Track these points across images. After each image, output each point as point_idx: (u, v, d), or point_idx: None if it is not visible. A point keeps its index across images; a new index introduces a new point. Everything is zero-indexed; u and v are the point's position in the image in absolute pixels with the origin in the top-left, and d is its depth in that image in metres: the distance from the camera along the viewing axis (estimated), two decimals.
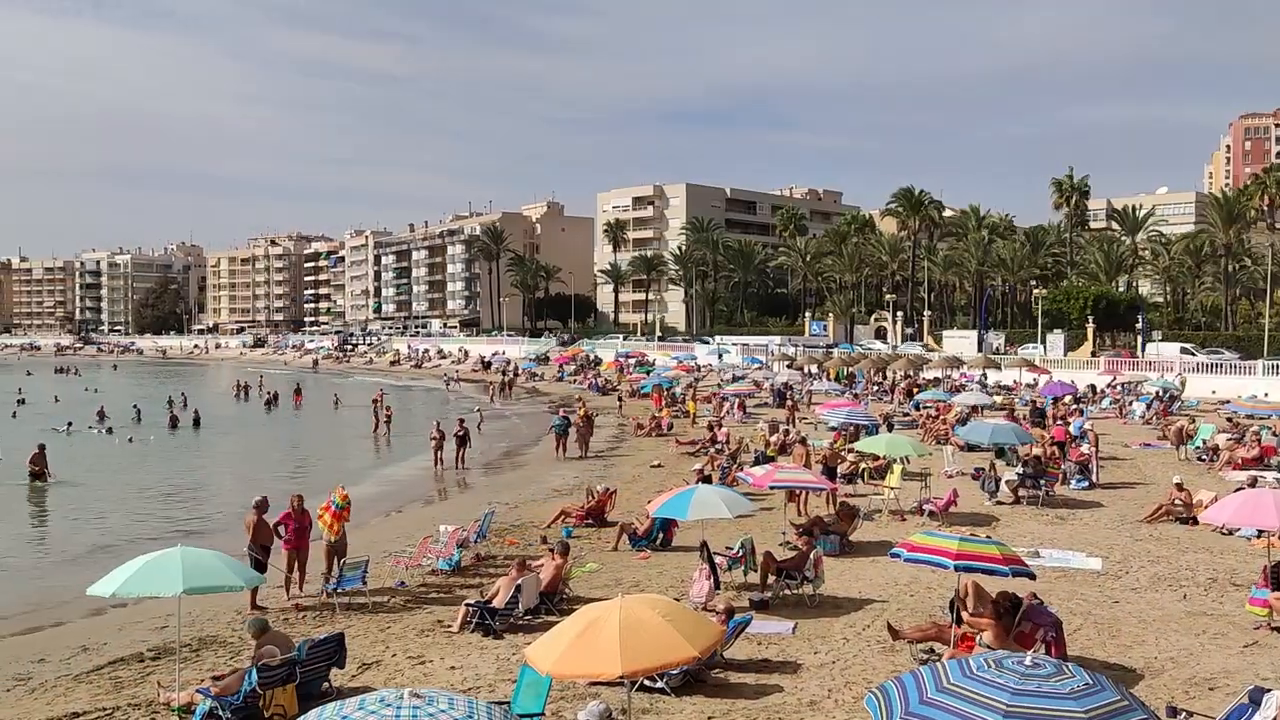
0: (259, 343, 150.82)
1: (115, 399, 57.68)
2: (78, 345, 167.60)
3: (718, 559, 15.54)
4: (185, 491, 30.35)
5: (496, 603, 13.87)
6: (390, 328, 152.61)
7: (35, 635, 15.16)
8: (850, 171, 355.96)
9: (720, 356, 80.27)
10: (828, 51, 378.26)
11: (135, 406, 51.34)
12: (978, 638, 11.42)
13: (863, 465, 25.51)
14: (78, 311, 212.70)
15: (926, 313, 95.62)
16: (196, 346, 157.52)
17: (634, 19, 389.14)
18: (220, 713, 10.28)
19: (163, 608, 14.04)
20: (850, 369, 62.49)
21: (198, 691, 10.73)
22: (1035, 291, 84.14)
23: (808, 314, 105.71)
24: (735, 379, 59.63)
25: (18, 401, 58.89)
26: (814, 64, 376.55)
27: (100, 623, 15.38)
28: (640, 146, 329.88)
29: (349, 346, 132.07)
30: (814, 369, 65.06)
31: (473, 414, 45.78)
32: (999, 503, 22.83)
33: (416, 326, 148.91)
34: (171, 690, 11.23)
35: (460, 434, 32.65)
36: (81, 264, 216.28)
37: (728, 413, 44.37)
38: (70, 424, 45.21)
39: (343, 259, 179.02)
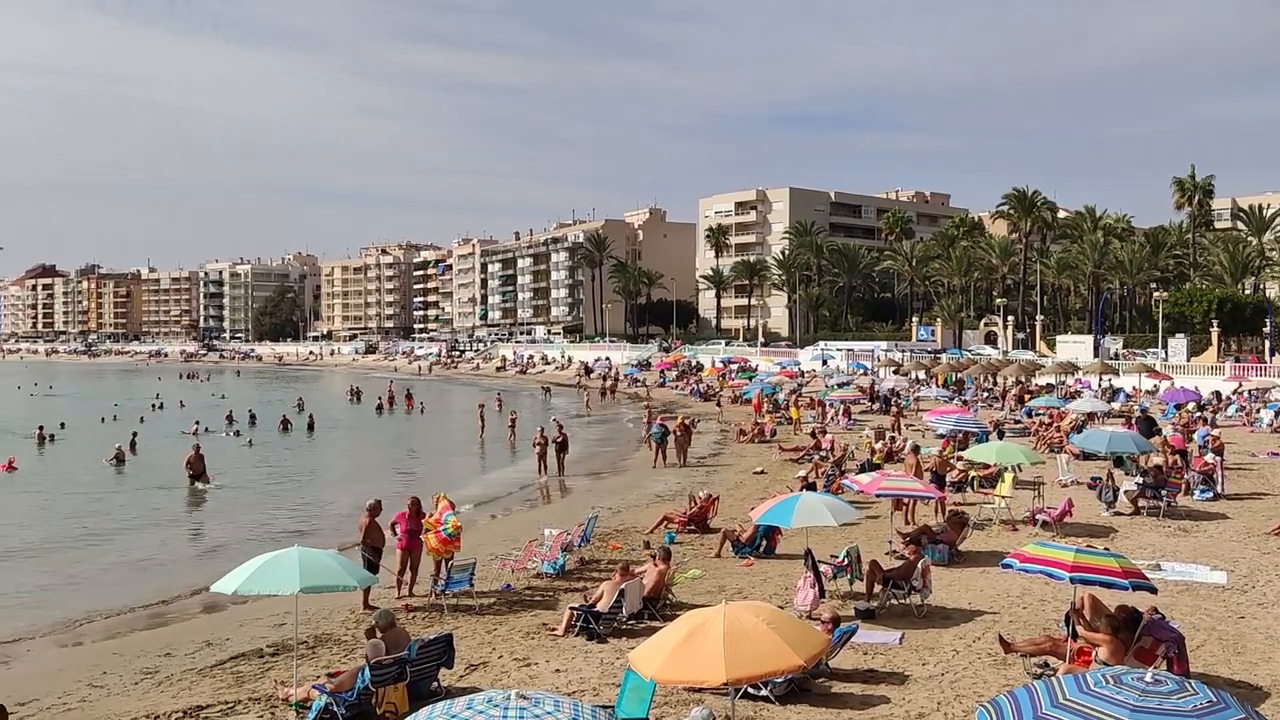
0: (370, 349, 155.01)
1: (240, 404, 59.99)
2: (202, 352, 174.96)
3: (822, 567, 15.36)
4: (299, 492, 31.38)
5: (600, 607, 13.97)
6: (496, 334, 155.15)
7: (163, 630, 15.85)
8: (959, 173, 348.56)
9: (824, 362, 79.42)
10: (936, 52, 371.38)
11: (250, 411, 53.11)
12: (1094, 653, 11.05)
13: (972, 473, 24.94)
14: (202, 320, 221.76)
15: (1039, 317, 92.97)
16: (312, 353, 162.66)
17: (740, 23, 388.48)
18: (335, 709, 10.58)
19: (280, 605, 14.52)
20: (959, 375, 61.20)
21: (314, 688, 11.06)
22: (1155, 295, 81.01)
23: (914, 319, 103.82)
24: (840, 385, 58.95)
25: (157, 405, 62.01)
26: (922, 65, 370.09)
27: (222, 619, 15.98)
28: (743, 151, 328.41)
29: (456, 353, 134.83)
30: (921, 375, 63.85)
31: (551, 421, 46.20)
32: (1117, 513, 22.04)
33: (521, 333, 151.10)
34: (289, 686, 11.61)
35: (560, 440, 32.88)
36: (205, 274, 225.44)
37: (832, 419, 43.85)
38: (201, 426, 47.20)
39: (450, 267, 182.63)
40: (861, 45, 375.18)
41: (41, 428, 44.94)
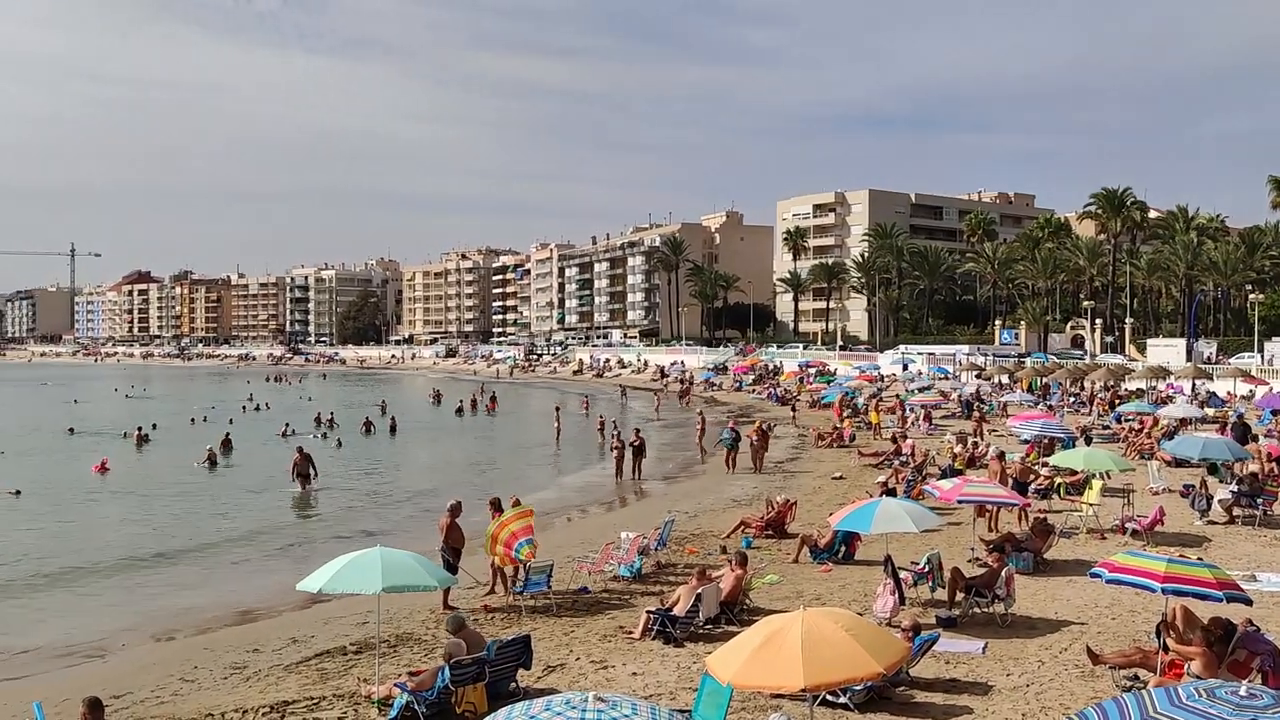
0: (451, 353, 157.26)
1: (325, 406, 61.43)
2: (288, 355, 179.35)
3: (903, 574, 15.14)
4: (382, 493, 31.95)
5: (677, 611, 13.95)
6: (573, 338, 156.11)
7: (251, 626, 16.26)
8: (1044, 174, 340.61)
9: (905, 366, 78.36)
10: (1019, 50, 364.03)
11: (329, 414, 54.13)
12: (1186, 666, 10.71)
13: (1058, 480, 24.37)
14: (288, 324, 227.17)
15: (1128, 320, 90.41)
16: (394, 357, 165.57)
17: (818, 24, 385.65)
18: (416, 707, 10.75)
19: (363, 604, 14.80)
20: (1044, 379, 59.91)
21: (395, 686, 11.25)
22: (1251, 296, 78.21)
23: (998, 322, 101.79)
24: (921, 389, 58.10)
25: (253, 407, 63.96)
26: (1005, 64, 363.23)
27: (308, 616, 16.34)
28: (821, 153, 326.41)
29: (534, 356, 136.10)
30: (1005, 379, 62.65)
31: (623, 423, 46.27)
32: (1211, 522, 21.33)
33: (598, 336, 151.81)
34: (371, 684, 11.83)
35: (636, 443, 32.89)
36: (291, 279, 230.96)
37: (913, 424, 43.25)
38: (289, 428, 48.44)
39: (528, 271, 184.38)
40: (942, 44, 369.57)
41: (140, 428, 46.50)
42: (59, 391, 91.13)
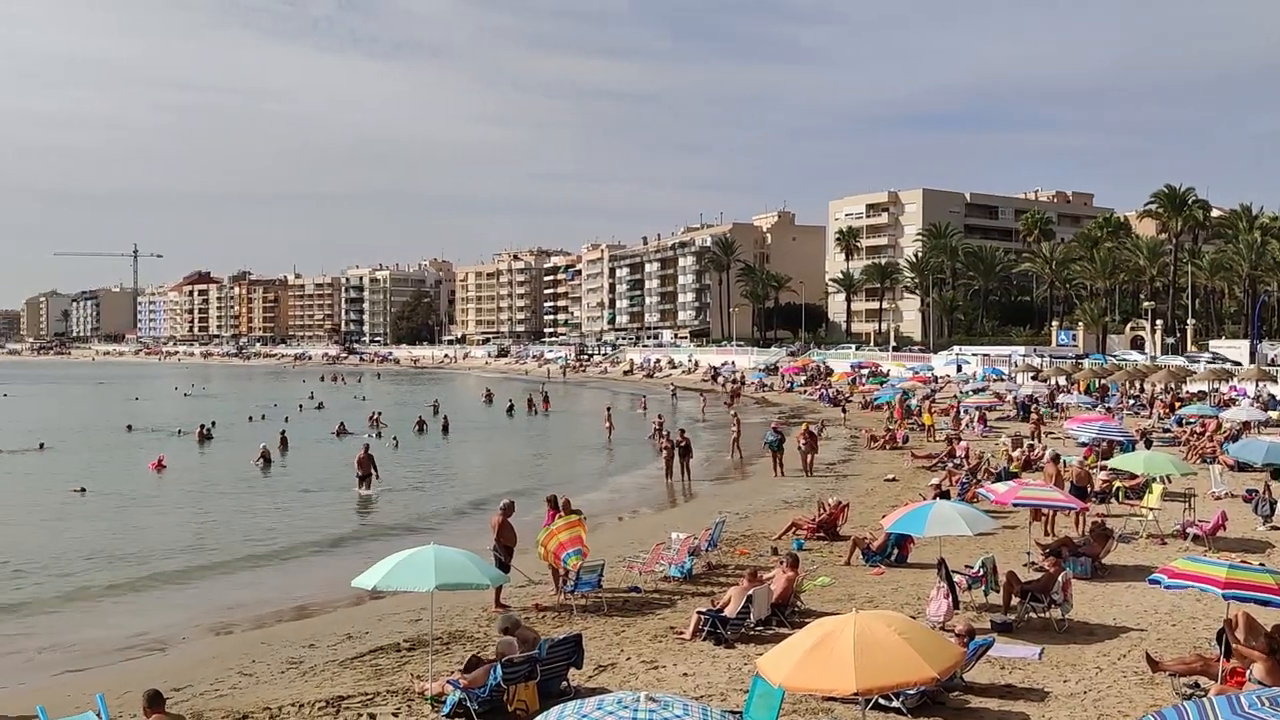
0: (502, 353, 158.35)
1: (379, 405, 62.19)
2: (343, 355, 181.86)
3: (957, 578, 14.97)
4: (435, 491, 32.25)
5: (728, 612, 13.93)
6: (623, 338, 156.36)
7: (307, 622, 16.52)
8: (1102, 172, 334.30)
9: (959, 367, 77.47)
10: (1075, 46, 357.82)
11: (377, 414, 54.80)
12: (1248, 673, 10.47)
13: (1117, 484, 23.94)
14: (343, 323, 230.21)
15: (1190, 321, 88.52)
16: (447, 356, 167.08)
17: (869, 23, 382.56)
18: (468, 704, 10.84)
19: (416, 601, 14.97)
20: (1103, 381, 58.88)
21: (448, 682, 11.35)
22: None
23: (1055, 323, 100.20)
24: (975, 391, 57.41)
25: (313, 406, 65.02)
26: (1060, 60, 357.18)
27: (362, 612, 16.54)
28: (873, 153, 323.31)
29: (585, 356, 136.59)
30: (1062, 381, 61.69)
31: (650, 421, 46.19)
32: (1274, 528, 20.83)
33: (648, 337, 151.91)
34: (425, 680, 11.95)
35: (683, 444, 32.81)
36: (347, 280, 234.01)
37: (967, 426, 42.76)
38: (344, 427, 49.17)
39: (579, 272, 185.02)
40: (996, 41, 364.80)
41: (203, 426, 47.44)
42: (119, 389, 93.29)
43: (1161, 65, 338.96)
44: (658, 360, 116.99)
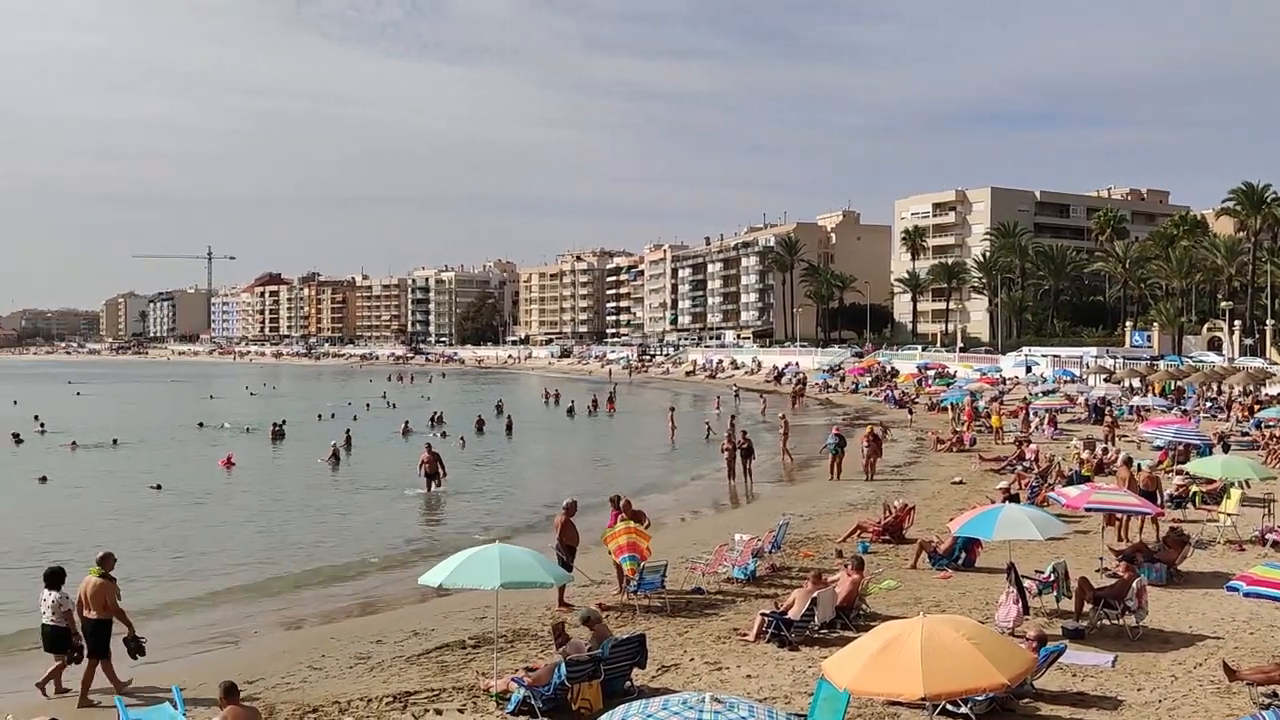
0: (565, 353, 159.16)
1: (443, 405, 62.95)
2: (409, 355, 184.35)
3: (1026, 583, 14.70)
4: (499, 491, 32.52)
5: (792, 614, 13.83)
6: (686, 339, 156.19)
7: (374, 618, 16.74)
8: (1178, 169, 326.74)
9: (1028, 368, 76.09)
10: (1147, 40, 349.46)
11: (439, 413, 55.32)
12: None
13: (1193, 488, 23.32)
14: (409, 324, 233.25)
15: (1269, 322, 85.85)
16: (510, 357, 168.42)
17: (933, 20, 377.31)
18: (532, 701, 10.91)
19: (481, 600, 15.09)
20: (1178, 383, 57.41)
21: (513, 680, 11.43)
22: None
23: (1128, 323, 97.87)
24: (1045, 392, 56.37)
25: (388, 405, 66.02)
26: (1135, 56, 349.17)
27: (428, 609, 16.71)
28: (940, 151, 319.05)
29: (647, 357, 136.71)
30: (1136, 383, 60.28)
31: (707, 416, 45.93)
32: None
33: (711, 337, 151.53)
34: (490, 677, 12.05)
35: (744, 445, 32.57)
36: (413, 281, 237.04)
37: (1037, 428, 41.98)
38: (409, 426, 49.85)
39: (642, 272, 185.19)
40: (1066, 36, 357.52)
41: (275, 424, 48.40)
42: (192, 388, 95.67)
43: (1239, 59, 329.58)
44: (720, 361, 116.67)
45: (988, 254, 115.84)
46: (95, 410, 66.96)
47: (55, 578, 12.21)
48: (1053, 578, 15.04)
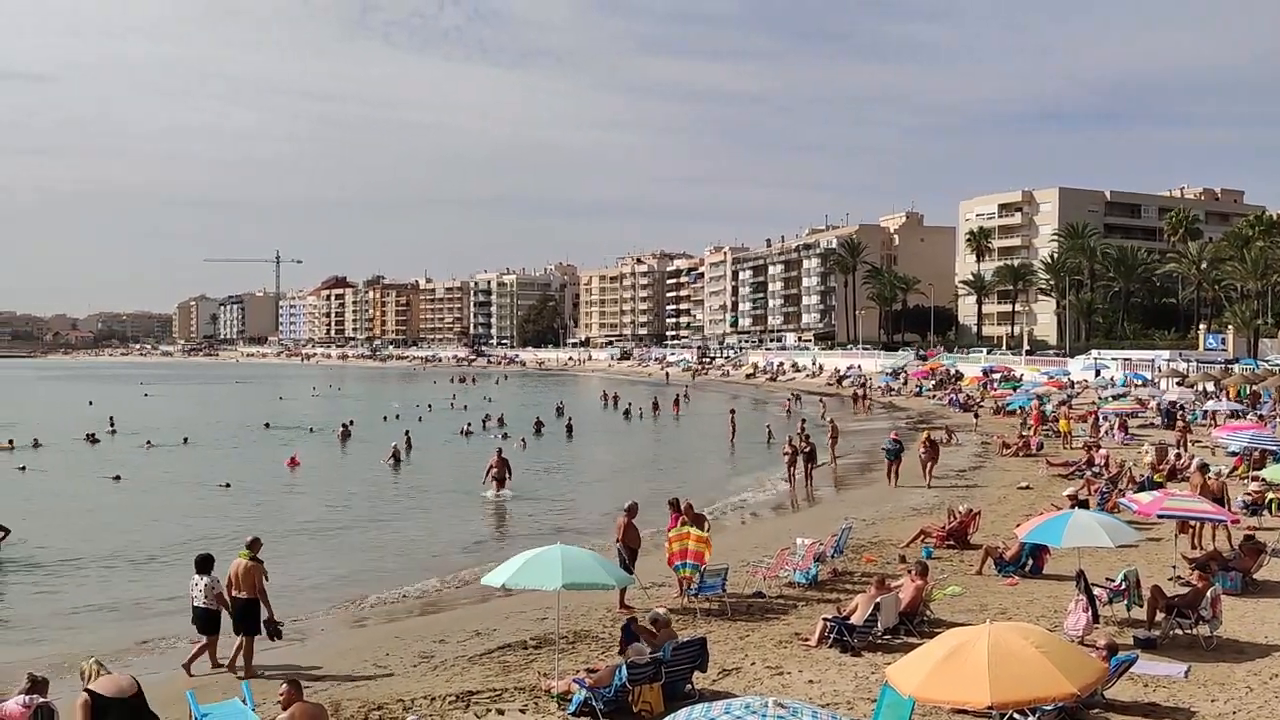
0: (625, 355, 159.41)
1: (505, 406, 63.45)
2: (471, 357, 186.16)
3: (1096, 591, 14.39)
4: (559, 492, 32.66)
5: (855, 619, 13.70)
6: (746, 341, 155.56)
7: (437, 617, 16.92)
8: (1252, 168, 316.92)
9: (1097, 372, 74.50)
10: (1222, 36, 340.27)
11: (499, 415, 55.63)
12: None
13: (1270, 495, 22.64)
14: (471, 326, 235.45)
15: None
16: (570, 359, 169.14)
17: (996, 17, 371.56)
18: (594, 703, 10.93)
19: (542, 600, 15.16)
20: (1254, 387, 55.77)
21: (574, 681, 11.48)
22: None
23: (1202, 326, 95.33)
24: (1115, 396, 55.17)
25: (460, 406, 66.87)
26: (1206, 52, 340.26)
27: (489, 609, 16.84)
28: (1005, 151, 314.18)
29: (707, 359, 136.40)
30: (1210, 387, 58.70)
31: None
32: None
33: (771, 340, 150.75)
34: (551, 678, 12.10)
35: (806, 449, 32.32)
36: (475, 284, 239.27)
37: (1106, 433, 41.10)
38: (469, 426, 50.34)
39: (702, 275, 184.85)
40: (1134, 32, 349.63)
41: (344, 424, 49.22)
42: (258, 389, 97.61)
43: None
44: (781, 363, 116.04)
45: (1055, 255, 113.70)
46: (164, 411, 68.54)
47: (205, 563, 13.19)
48: (1124, 586, 14.71)
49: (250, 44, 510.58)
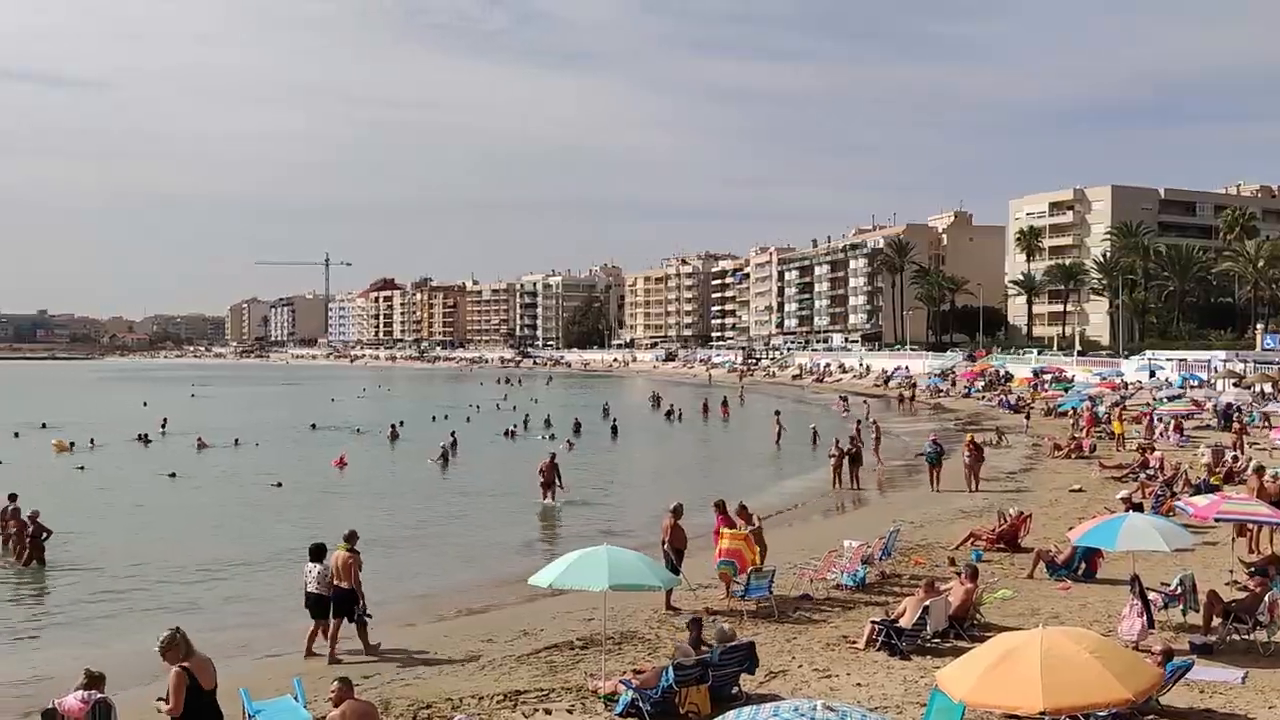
0: (670, 357, 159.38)
1: (550, 408, 63.72)
2: (518, 358, 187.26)
3: (1151, 595, 14.14)
4: (605, 493, 32.71)
5: (903, 622, 13.58)
6: (792, 342, 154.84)
7: (485, 617, 17.03)
8: None
9: (1152, 373, 73.20)
10: (1275, 27, 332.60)
11: (546, 415, 55.77)
12: None
13: None
14: (518, 328, 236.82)
15: None
16: (615, 360, 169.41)
17: (1044, 13, 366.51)
18: (641, 704, 10.94)
19: (588, 601, 15.16)
20: None
21: (621, 682, 11.49)
22: None
23: (1259, 326, 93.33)
24: (1170, 398, 54.19)
25: (509, 406, 67.41)
26: (1266, 44, 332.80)
27: (536, 609, 16.90)
28: (1055, 149, 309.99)
29: (752, 360, 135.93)
30: (1267, 388, 57.43)
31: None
32: None
33: (818, 341, 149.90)
34: (598, 679, 12.13)
35: (852, 451, 32.03)
36: (521, 285, 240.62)
37: (1161, 435, 40.37)
38: (516, 427, 50.64)
39: (747, 275, 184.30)
40: (1187, 27, 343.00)
41: (393, 425, 49.82)
42: (307, 391, 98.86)
43: None
44: (827, 364, 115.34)
45: (1108, 254, 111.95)
46: (214, 412, 69.54)
47: (319, 552, 14.17)
48: (1179, 590, 14.45)
49: (301, 50, 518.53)
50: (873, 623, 13.82)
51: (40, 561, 20.95)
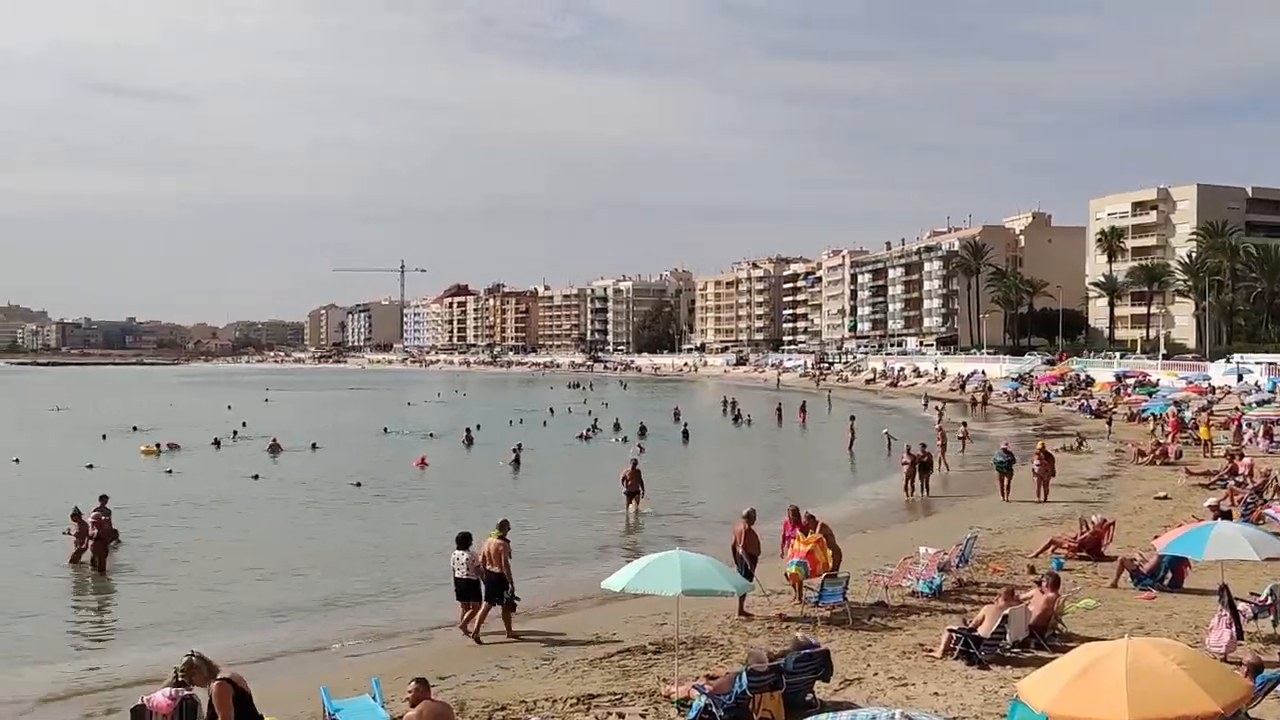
0: (741, 361, 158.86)
1: (621, 412, 63.95)
2: (589, 363, 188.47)
3: (1240, 606, 13.69)
4: (678, 498, 32.62)
5: (982, 631, 13.34)
6: (865, 346, 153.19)
7: (558, 619, 17.12)
8: None
9: (1240, 376, 70.96)
10: None
11: (602, 419, 55.99)
12: None
13: None
14: (588, 333, 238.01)
15: None
16: (686, 364, 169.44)
17: (1127, 9, 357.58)
18: (714, 710, 10.89)
19: (661, 605, 15.18)
20: None
21: (694, 688, 11.47)
22: None
23: None
24: (1260, 403, 52.50)
25: (586, 411, 67.71)
26: None
27: (609, 613, 16.93)
28: (1137, 148, 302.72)
29: (824, 365, 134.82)
30: None
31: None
32: None
33: (891, 344, 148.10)
34: (671, 684, 12.12)
35: (924, 459, 31.42)
36: (592, 290, 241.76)
37: (1251, 440, 39.13)
38: (590, 431, 50.99)
39: (820, 279, 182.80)
40: (1270, 19, 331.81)
41: (469, 429, 50.89)
42: (380, 395, 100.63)
43: None
44: (902, 369, 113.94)
45: (1194, 255, 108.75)
46: (291, 416, 70.87)
47: (465, 540, 15.38)
48: (1270, 600, 13.99)
49: (375, 61, 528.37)
50: (950, 631, 13.60)
51: (100, 569, 20.83)
